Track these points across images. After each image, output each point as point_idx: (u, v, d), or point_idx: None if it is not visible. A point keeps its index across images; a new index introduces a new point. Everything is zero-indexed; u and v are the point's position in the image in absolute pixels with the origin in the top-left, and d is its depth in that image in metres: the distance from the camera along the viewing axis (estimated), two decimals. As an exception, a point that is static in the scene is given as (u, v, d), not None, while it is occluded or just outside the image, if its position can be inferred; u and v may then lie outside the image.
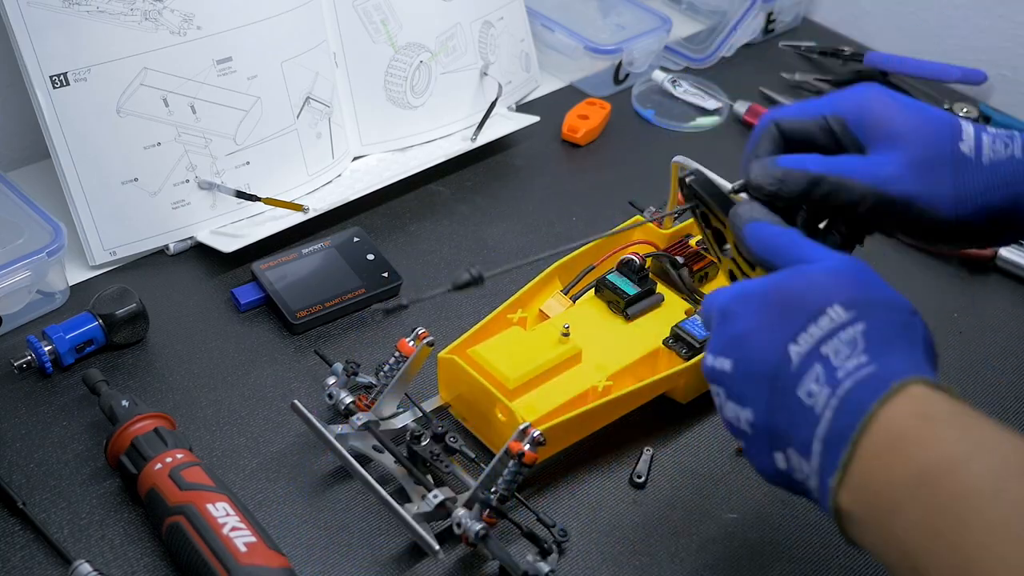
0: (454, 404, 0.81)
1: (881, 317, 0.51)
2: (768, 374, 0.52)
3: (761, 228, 0.58)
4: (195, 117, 0.93)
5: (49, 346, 0.81)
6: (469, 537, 0.69)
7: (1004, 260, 1.01)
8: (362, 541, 0.74)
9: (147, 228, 0.94)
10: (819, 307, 0.51)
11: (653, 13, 1.27)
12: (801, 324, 0.51)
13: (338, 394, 0.77)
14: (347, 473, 0.77)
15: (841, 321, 0.50)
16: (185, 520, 0.67)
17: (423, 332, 0.76)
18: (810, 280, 0.53)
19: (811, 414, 0.49)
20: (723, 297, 0.56)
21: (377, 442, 0.75)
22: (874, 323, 0.50)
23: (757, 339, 0.53)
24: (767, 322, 0.53)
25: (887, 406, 0.47)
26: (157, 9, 0.90)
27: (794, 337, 0.51)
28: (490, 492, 0.70)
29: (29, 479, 0.75)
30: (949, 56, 1.27)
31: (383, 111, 1.06)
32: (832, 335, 0.50)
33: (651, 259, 0.88)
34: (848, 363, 0.49)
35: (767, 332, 0.52)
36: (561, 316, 0.85)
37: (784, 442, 0.51)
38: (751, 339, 0.53)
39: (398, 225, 1.01)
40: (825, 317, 0.51)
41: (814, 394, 0.49)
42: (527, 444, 0.69)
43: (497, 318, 0.83)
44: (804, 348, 0.50)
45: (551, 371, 0.80)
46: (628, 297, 0.85)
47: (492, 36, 1.12)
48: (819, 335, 0.50)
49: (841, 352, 0.49)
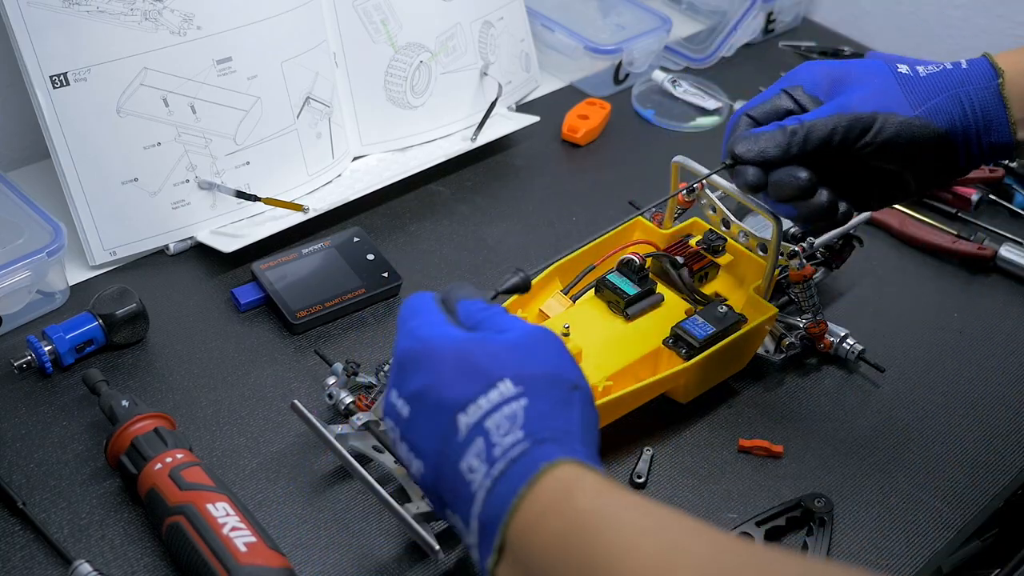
0: None
1: (543, 393, 0.52)
2: (438, 437, 0.52)
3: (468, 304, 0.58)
4: (195, 117, 0.93)
5: (49, 346, 0.81)
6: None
7: (1004, 260, 1.01)
8: (362, 541, 0.74)
9: (147, 228, 0.94)
10: (492, 379, 0.52)
11: (653, 13, 1.27)
12: (473, 395, 0.52)
13: (338, 394, 0.77)
14: (347, 473, 0.77)
15: (508, 395, 0.51)
16: (185, 520, 0.67)
17: None
18: (489, 350, 0.53)
19: (468, 491, 0.50)
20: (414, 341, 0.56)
21: (377, 442, 0.75)
22: (535, 400, 0.51)
23: (433, 400, 0.53)
24: (447, 385, 0.53)
25: (535, 488, 0.48)
26: (157, 9, 0.90)
27: (464, 407, 0.51)
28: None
29: (29, 479, 0.75)
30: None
31: (383, 111, 1.06)
32: (496, 409, 0.51)
33: (651, 259, 0.88)
34: (505, 439, 0.50)
35: (443, 396, 0.53)
36: (561, 316, 0.85)
37: (450, 507, 0.52)
38: (428, 397, 0.53)
39: (398, 225, 1.01)
40: (495, 390, 0.51)
41: (474, 469, 0.50)
42: None
43: None
44: (472, 419, 0.51)
45: None
46: (628, 297, 0.85)
47: (492, 36, 1.12)
48: (487, 408, 0.51)
49: (502, 427, 0.50)
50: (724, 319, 0.83)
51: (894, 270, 1.02)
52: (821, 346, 0.89)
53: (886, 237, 1.06)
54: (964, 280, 1.01)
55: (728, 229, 0.91)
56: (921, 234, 1.04)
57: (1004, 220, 1.08)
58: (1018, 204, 1.10)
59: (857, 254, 0.96)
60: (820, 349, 0.89)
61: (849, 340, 0.89)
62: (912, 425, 0.86)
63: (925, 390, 0.89)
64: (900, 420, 0.86)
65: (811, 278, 0.87)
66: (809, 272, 0.87)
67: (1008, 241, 1.02)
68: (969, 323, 0.96)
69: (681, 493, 0.79)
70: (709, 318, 0.83)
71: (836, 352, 0.89)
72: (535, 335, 0.55)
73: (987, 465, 0.83)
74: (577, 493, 0.48)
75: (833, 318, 0.91)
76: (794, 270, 0.87)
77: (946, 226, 1.05)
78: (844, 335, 0.89)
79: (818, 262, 0.94)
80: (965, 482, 0.81)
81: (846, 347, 0.89)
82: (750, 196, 0.78)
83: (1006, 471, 0.82)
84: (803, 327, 0.88)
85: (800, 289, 0.88)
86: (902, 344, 0.93)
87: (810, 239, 0.90)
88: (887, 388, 0.88)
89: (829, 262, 0.95)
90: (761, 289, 0.85)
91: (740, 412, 0.85)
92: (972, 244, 1.02)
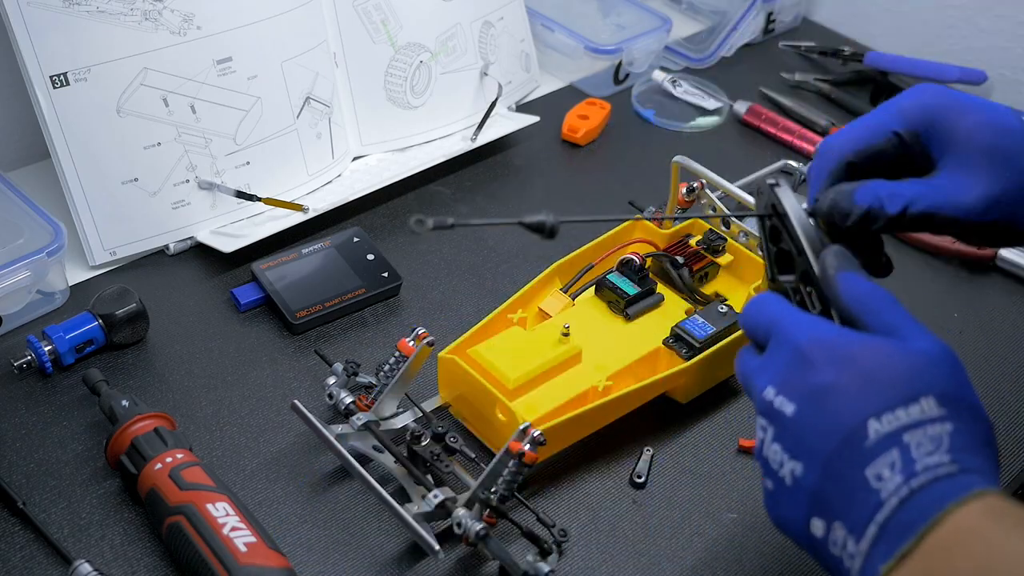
0: (454, 404, 0.81)
1: (969, 424, 0.49)
2: (838, 438, 0.50)
3: (855, 282, 0.55)
4: (195, 117, 0.93)
5: (49, 346, 0.81)
6: (469, 537, 0.69)
7: (1004, 260, 1.01)
8: (362, 541, 0.74)
9: (147, 228, 0.94)
10: (913, 393, 0.49)
11: (653, 13, 1.27)
12: (889, 404, 0.49)
13: (338, 394, 0.77)
14: (347, 473, 0.77)
15: (931, 416, 0.49)
16: (185, 520, 0.67)
17: (423, 332, 0.76)
18: (910, 362, 0.51)
19: (875, 496, 0.48)
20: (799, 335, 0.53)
21: (377, 442, 0.75)
22: (961, 427, 0.49)
23: (836, 398, 0.50)
24: (853, 386, 0.50)
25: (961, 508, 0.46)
26: (157, 9, 0.90)
27: (878, 414, 0.49)
28: (490, 492, 0.70)
29: (29, 479, 0.75)
30: (949, 56, 1.27)
31: (383, 111, 1.06)
32: (919, 426, 0.48)
33: (651, 259, 0.88)
34: (929, 459, 0.48)
35: (850, 396, 0.50)
36: (561, 316, 0.85)
37: (831, 512, 0.49)
38: (829, 396, 0.50)
39: (398, 225, 1.01)
40: (917, 406, 0.49)
41: (884, 478, 0.48)
42: (527, 444, 0.69)
43: (497, 318, 0.83)
44: (886, 429, 0.48)
45: (551, 371, 0.80)
46: (628, 297, 0.85)
47: (492, 36, 1.12)
48: (906, 421, 0.49)
49: (924, 446, 0.48)
50: (724, 319, 0.83)
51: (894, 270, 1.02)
52: None
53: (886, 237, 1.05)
54: (964, 280, 1.01)
55: (728, 229, 0.91)
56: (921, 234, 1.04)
57: (1004, 220, 1.08)
58: (1018, 204, 1.10)
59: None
60: None
61: None
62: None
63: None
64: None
65: None
66: None
67: (1008, 241, 1.02)
68: (969, 323, 0.96)
69: (681, 493, 0.79)
70: (709, 318, 0.83)
71: None
72: (954, 355, 0.52)
73: (987, 465, 0.83)
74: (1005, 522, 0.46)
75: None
76: None
77: (946, 226, 1.05)
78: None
79: None
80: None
81: None
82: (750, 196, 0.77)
83: (1006, 471, 0.82)
84: None
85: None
86: (902, 344, 0.93)
87: None
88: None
89: None
90: (761, 289, 0.85)
91: (740, 412, 0.85)
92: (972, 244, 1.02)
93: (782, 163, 0.99)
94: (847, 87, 1.28)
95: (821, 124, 1.19)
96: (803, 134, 1.18)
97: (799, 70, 1.29)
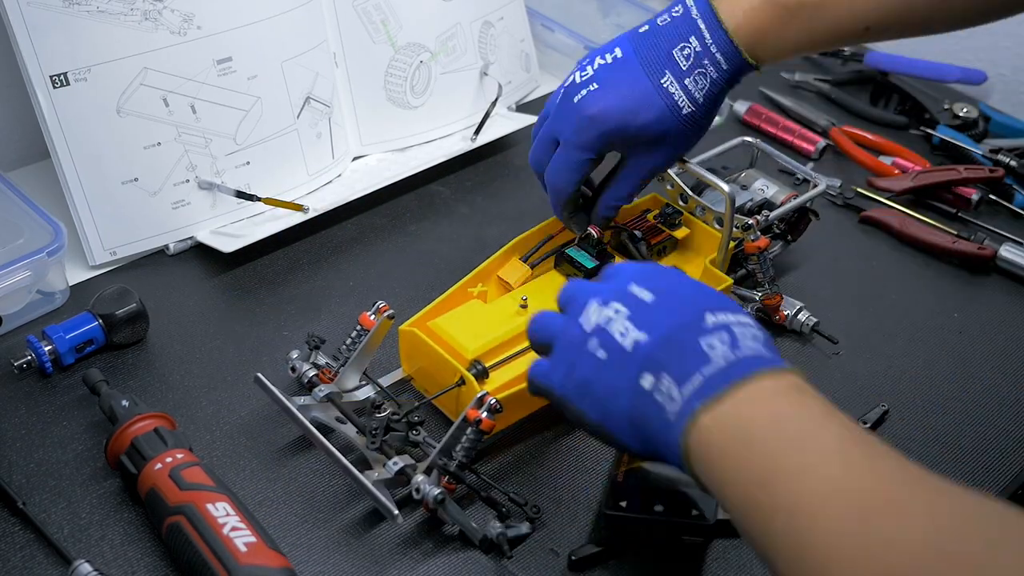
0: (416, 377, 0.83)
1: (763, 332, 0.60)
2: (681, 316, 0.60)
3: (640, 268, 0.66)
4: (195, 117, 0.93)
5: (49, 346, 0.81)
6: (428, 502, 0.71)
7: (1004, 260, 1.01)
8: (362, 542, 0.73)
9: (147, 228, 0.94)
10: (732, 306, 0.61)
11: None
12: (721, 306, 0.60)
13: (301, 367, 0.80)
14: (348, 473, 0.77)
15: (748, 323, 0.60)
16: (185, 520, 0.67)
17: (384, 306, 0.78)
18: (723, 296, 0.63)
19: (704, 358, 0.57)
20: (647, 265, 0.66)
21: (339, 413, 0.77)
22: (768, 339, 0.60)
23: (683, 293, 0.62)
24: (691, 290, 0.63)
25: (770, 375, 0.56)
26: (157, 9, 0.90)
27: (713, 310, 0.59)
28: (450, 459, 0.72)
29: (29, 479, 0.75)
30: (949, 56, 1.27)
31: (383, 111, 1.06)
32: (742, 325, 0.59)
33: (609, 233, 0.90)
34: (751, 343, 0.58)
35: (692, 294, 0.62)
36: (520, 289, 0.87)
37: (661, 367, 0.58)
38: (678, 294, 0.62)
39: (398, 225, 1.01)
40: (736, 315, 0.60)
41: (714, 347, 0.57)
42: (484, 411, 0.72)
43: (457, 292, 0.85)
44: (719, 320, 0.59)
45: (510, 342, 0.82)
46: (587, 270, 0.87)
47: (492, 36, 1.12)
48: (733, 320, 0.59)
49: (747, 337, 0.58)
50: None
51: (894, 270, 1.02)
52: (777, 318, 0.91)
53: (886, 237, 1.06)
54: (964, 280, 1.01)
55: (685, 203, 0.93)
56: (921, 234, 1.04)
57: (1004, 220, 1.08)
58: (1018, 204, 1.10)
59: (857, 253, 0.96)
60: (776, 321, 0.91)
61: (803, 313, 0.91)
62: (911, 424, 0.86)
63: (925, 390, 0.89)
64: (899, 419, 0.86)
65: (766, 250, 0.89)
66: (764, 244, 0.89)
67: (1008, 241, 1.02)
68: (969, 323, 0.96)
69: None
70: None
71: (791, 325, 0.91)
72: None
73: (987, 465, 0.83)
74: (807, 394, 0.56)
75: (834, 318, 0.91)
76: (749, 242, 0.89)
77: (946, 226, 1.05)
78: (799, 308, 0.91)
79: (775, 235, 0.95)
80: (965, 482, 0.81)
81: (800, 320, 0.91)
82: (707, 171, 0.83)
83: (1006, 471, 0.82)
84: (759, 299, 0.90)
85: (755, 261, 0.90)
86: (902, 344, 0.93)
87: (765, 212, 0.92)
88: (884, 387, 0.88)
89: (785, 234, 0.96)
90: (716, 261, 0.88)
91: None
92: (972, 244, 1.02)
93: (739, 140, 1.01)
94: (847, 87, 1.28)
95: (821, 124, 1.19)
96: (803, 134, 1.18)
97: (799, 70, 1.29)
